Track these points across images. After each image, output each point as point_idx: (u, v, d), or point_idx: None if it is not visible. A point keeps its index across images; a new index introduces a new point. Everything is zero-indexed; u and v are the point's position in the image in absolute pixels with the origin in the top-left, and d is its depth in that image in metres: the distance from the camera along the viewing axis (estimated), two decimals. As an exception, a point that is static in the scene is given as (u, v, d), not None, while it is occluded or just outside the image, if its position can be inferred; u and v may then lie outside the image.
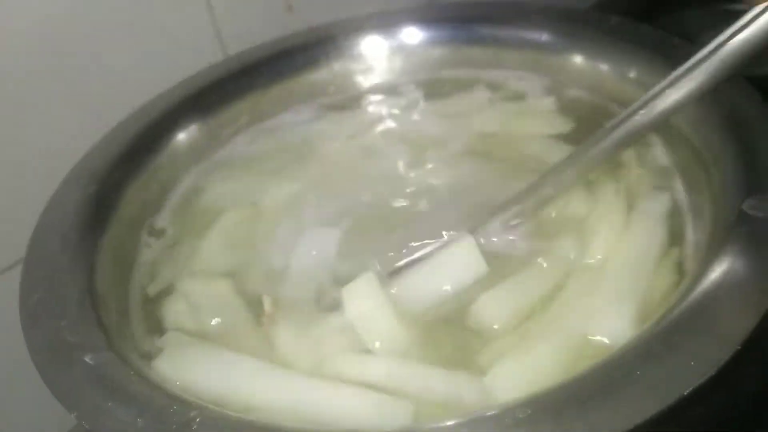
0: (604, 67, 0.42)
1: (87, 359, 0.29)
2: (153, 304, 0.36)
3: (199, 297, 0.36)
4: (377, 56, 0.49)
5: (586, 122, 0.42)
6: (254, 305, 0.35)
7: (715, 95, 0.35)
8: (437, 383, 0.30)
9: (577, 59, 0.43)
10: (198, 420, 0.25)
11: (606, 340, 0.30)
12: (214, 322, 0.34)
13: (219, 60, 0.51)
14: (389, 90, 0.49)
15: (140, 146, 0.41)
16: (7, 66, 0.41)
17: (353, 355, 0.32)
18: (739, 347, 0.24)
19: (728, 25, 0.29)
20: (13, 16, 0.41)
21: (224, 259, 0.38)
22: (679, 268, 0.32)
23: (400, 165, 0.43)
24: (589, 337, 0.30)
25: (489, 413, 0.25)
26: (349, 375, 0.31)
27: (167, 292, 0.37)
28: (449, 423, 0.25)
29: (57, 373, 0.28)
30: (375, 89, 0.49)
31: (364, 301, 0.33)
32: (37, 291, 0.32)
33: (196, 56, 0.50)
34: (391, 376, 0.30)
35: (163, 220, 0.41)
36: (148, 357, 0.32)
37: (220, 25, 0.53)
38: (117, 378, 0.28)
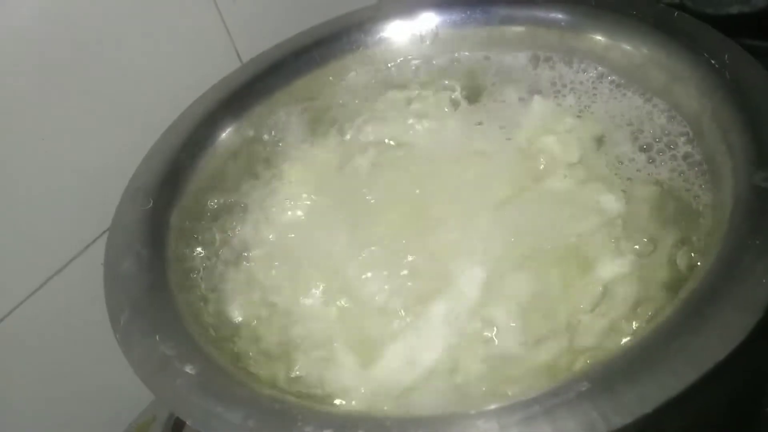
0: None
1: (187, 370, 0.32)
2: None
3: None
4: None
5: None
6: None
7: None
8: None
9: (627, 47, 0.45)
10: (300, 417, 0.29)
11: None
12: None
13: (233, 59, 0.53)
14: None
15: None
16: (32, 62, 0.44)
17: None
18: (763, 314, 0.28)
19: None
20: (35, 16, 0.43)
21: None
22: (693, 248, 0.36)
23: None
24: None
25: (551, 388, 0.28)
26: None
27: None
28: (516, 399, 0.28)
29: (163, 384, 0.32)
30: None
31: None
32: (124, 311, 0.35)
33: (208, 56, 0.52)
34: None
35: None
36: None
37: (228, 24, 0.54)
38: (218, 384, 0.31)
